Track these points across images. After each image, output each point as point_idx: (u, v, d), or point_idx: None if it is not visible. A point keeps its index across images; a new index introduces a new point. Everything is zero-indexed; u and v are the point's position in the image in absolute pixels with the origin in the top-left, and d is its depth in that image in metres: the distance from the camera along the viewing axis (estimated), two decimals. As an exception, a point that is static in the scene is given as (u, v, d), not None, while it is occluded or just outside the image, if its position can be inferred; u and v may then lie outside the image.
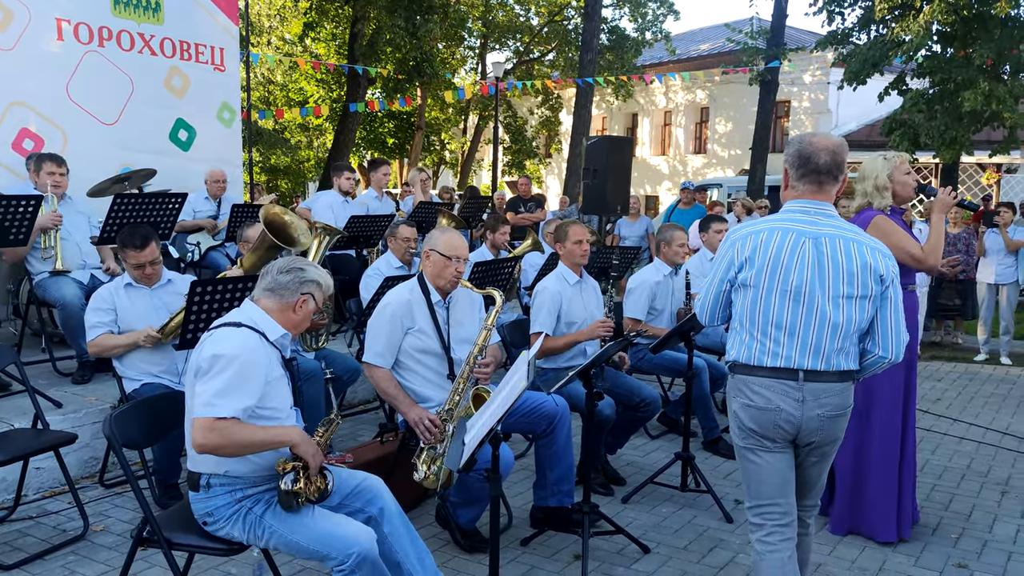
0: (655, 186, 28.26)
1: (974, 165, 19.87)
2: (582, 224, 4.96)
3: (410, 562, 2.98)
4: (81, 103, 7.17)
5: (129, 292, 4.43)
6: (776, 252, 2.77)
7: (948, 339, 9.73)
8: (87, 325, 4.39)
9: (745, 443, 2.89)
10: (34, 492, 4.50)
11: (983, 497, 4.82)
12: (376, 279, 5.38)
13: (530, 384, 2.67)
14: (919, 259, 3.95)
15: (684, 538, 4.21)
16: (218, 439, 2.69)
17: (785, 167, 2.93)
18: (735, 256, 2.83)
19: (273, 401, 2.86)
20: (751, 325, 2.82)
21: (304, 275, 2.99)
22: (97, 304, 4.39)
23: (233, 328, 2.84)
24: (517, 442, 5.45)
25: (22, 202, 5.02)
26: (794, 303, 2.75)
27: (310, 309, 3.02)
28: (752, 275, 2.79)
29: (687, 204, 11.81)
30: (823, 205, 2.84)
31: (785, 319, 2.76)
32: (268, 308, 2.95)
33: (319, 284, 3.02)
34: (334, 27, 21.28)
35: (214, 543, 2.88)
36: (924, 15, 11.79)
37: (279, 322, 2.95)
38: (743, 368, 2.84)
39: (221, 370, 2.72)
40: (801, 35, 23.44)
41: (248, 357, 2.77)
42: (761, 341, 2.80)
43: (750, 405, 2.83)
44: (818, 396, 2.77)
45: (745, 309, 2.83)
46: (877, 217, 4.00)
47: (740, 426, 2.89)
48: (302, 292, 2.96)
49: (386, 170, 8.55)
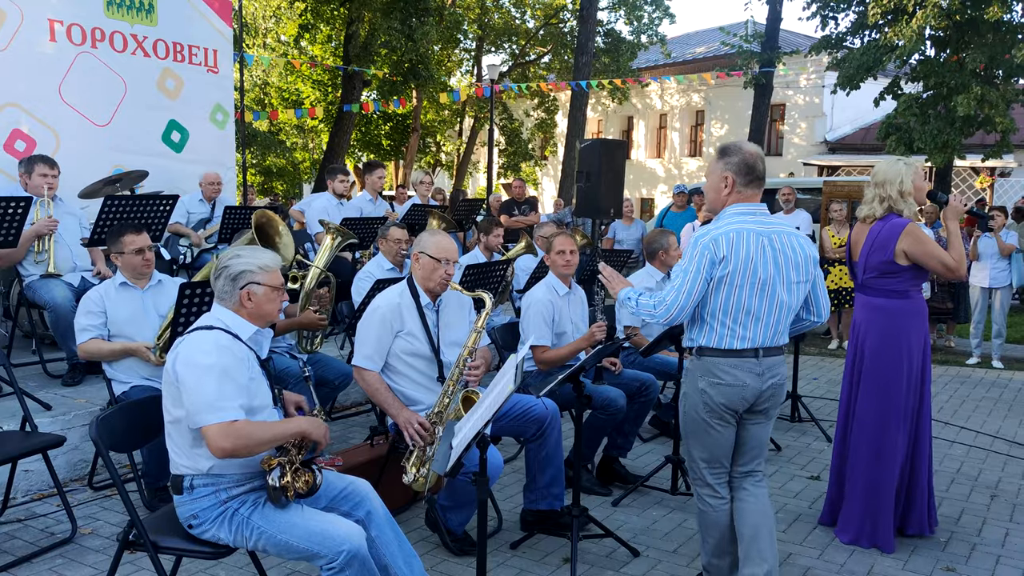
0: (650, 189, 28.31)
1: (968, 169, 19.94)
2: (568, 235, 4.99)
3: (398, 565, 2.97)
4: (74, 104, 7.15)
5: (121, 293, 4.42)
6: (747, 251, 3.12)
7: (941, 342, 9.75)
8: (77, 328, 4.38)
9: (710, 417, 3.26)
10: (22, 495, 4.48)
11: (972, 501, 4.83)
12: (367, 281, 5.37)
13: (518, 387, 2.67)
14: (953, 268, 3.95)
15: (674, 541, 4.21)
16: (237, 441, 2.69)
17: (729, 174, 3.21)
18: (714, 255, 3.11)
19: (255, 400, 2.85)
20: (723, 315, 3.17)
21: (231, 270, 2.92)
22: (87, 307, 4.37)
23: (205, 332, 2.83)
24: (508, 445, 5.45)
25: (11, 204, 5.00)
26: (760, 293, 3.16)
27: (261, 295, 2.93)
28: (728, 272, 3.11)
29: (680, 207, 11.82)
30: (761, 206, 3.25)
31: (753, 307, 3.16)
32: (231, 309, 2.94)
33: (252, 269, 2.93)
34: (329, 29, 21.28)
35: (200, 546, 2.86)
36: (917, 20, 11.83)
37: (248, 319, 2.93)
38: (713, 352, 3.22)
39: (206, 375, 2.72)
40: (796, 38, 23.53)
41: (226, 359, 2.76)
42: (732, 328, 3.18)
43: (720, 383, 3.21)
44: (771, 368, 3.25)
45: (719, 302, 3.16)
46: (910, 225, 3.98)
47: (707, 402, 3.25)
48: (240, 287, 2.91)
49: (381, 173, 8.55)
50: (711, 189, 3.31)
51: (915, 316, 4.09)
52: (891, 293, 4.06)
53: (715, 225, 3.19)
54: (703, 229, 3.18)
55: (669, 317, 3.17)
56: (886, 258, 3.99)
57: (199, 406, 2.70)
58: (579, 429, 4.11)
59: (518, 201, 11.57)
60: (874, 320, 4.10)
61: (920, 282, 4.08)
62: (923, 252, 3.93)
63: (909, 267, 3.98)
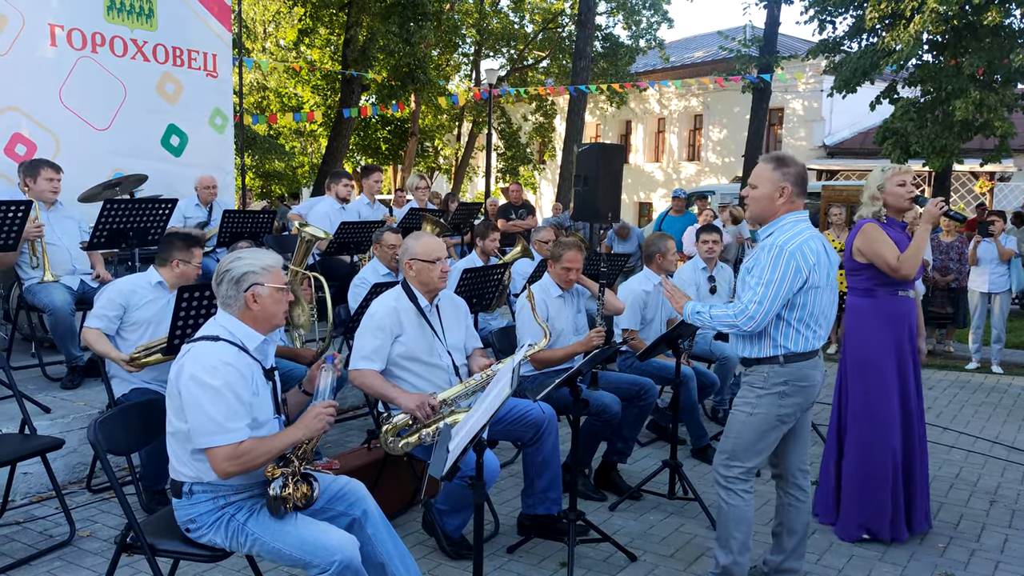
0: (649, 193, 28.33)
1: (967, 173, 19.97)
2: (580, 251, 4.89)
3: (393, 563, 2.97)
4: (74, 108, 7.17)
5: (155, 291, 4.44)
6: (822, 256, 3.33)
7: (940, 347, 9.76)
8: (92, 312, 4.41)
9: (781, 422, 3.41)
10: (21, 497, 4.49)
11: (971, 506, 4.83)
12: (363, 288, 5.38)
13: (515, 391, 2.68)
14: (893, 267, 4.06)
15: (671, 546, 4.21)
16: (242, 463, 2.72)
17: (787, 185, 3.34)
18: (802, 266, 3.25)
19: (258, 414, 2.86)
20: (810, 319, 3.34)
21: (233, 273, 2.90)
22: (109, 299, 4.38)
23: (210, 344, 2.81)
24: (506, 449, 5.45)
25: (11, 207, 5.01)
26: (826, 295, 3.37)
27: (266, 296, 2.91)
28: (818, 277, 3.30)
29: (679, 211, 11.85)
30: (806, 213, 3.44)
31: (824, 309, 3.38)
32: (236, 316, 2.92)
33: (255, 270, 2.90)
34: (328, 33, 21.31)
35: (197, 550, 2.87)
36: (914, 24, 11.85)
37: (253, 326, 2.92)
38: (799, 356, 3.36)
39: (212, 397, 2.71)
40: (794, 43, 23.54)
41: (232, 377, 2.76)
42: (813, 330, 3.36)
43: (803, 386, 3.37)
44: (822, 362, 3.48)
45: (807, 307, 3.32)
46: (867, 224, 4.17)
47: (784, 406, 3.37)
48: (244, 290, 2.89)
49: (378, 177, 8.56)
50: (764, 197, 3.37)
51: (886, 317, 4.19)
52: (858, 291, 4.28)
53: (789, 234, 3.30)
54: (779, 239, 3.27)
55: (753, 325, 3.27)
56: (847, 255, 4.26)
57: (205, 427, 2.71)
58: (576, 434, 4.12)
59: (515, 205, 11.58)
60: (848, 318, 4.33)
61: (891, 282, 4.14)
62: (870, 250, 4.13)
63: (868, 265, 4.16)
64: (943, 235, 9.55)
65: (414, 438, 3.77)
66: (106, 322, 4.35)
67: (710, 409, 6.44)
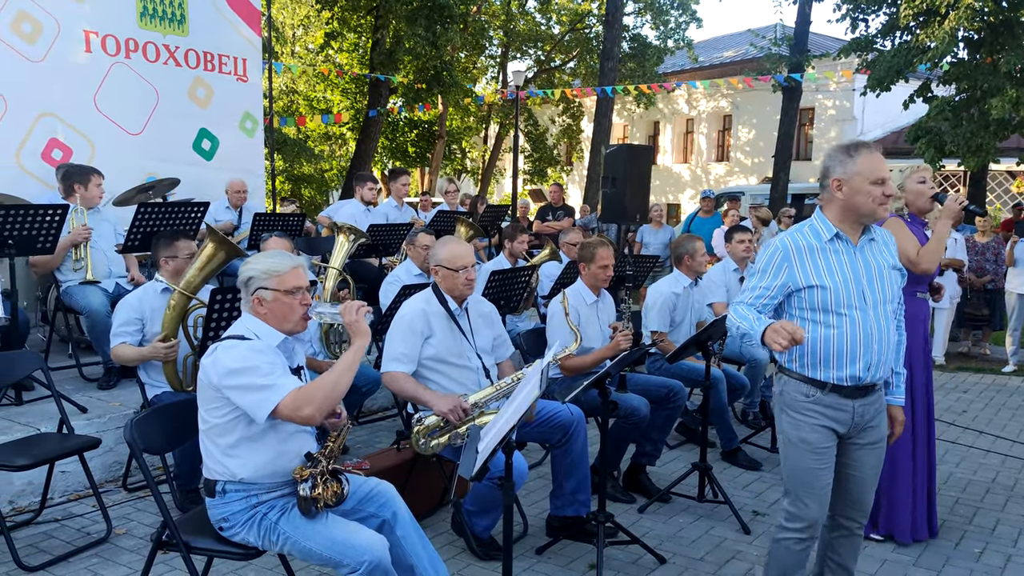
0: (677, 194, 28.19)
1: (1004, 173, 19.64)
2: (609, 246, 4.88)
3: (423, 566, 2.99)
4: (108, 113, 7.30)
5: (162, 298, 4.47)
6: None
7: (976, 350, 9.60)
8: (112, 332, 4.45)
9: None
10: (59, 495, 4.57)
11: (1008, 511, 4.75)
12: (395, 286, 5.42)
13: (543, 393, 2.69)
14: (913, 261, 3.97)
15: (700, 549, 4.19)
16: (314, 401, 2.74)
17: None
18: None
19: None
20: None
21: (241, 277, 2.97)
22: (125, 313, 4.43)
23: (237, 340, 2.86)
24: (534, 451, 5.46)
25: (49, 211, 5.12)
26: None
27: (271, 299, 2.93)
28: None
29: (707, 212, 11.78)
30: None
31: None
32: (257, 316, 2.97)
33: (256, 275, 2.94)
34: (356, 37, 21.44)
35: (230, 548, 2.91)
36: (949, 22, 11.66)
37: (273, 326, 2.96)
38: None
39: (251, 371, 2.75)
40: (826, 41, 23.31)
41: (263, 357, 2.80)
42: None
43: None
44: None
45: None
46: (891, 218, 4.09)
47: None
48: (251, 294, 2.95)
49: (405, 180, 8.62)
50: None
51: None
52: None
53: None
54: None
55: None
56: None
57: (256, 401, 2.74)
58: (605, 436, 4.12)
59: (555, 206, 11.62)
60: None
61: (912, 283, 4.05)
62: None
63: None
64: (979, 235, 9.39)
65: (445, 439, 3.80)
66: (130, 337, 4.40)
67: (740, 412, 6.40)
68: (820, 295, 2.90)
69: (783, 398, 3.03)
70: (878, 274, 2.97)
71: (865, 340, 2.91)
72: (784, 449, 3.05)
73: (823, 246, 2.95)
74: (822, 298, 2.90)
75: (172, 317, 4.33)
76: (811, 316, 2.94)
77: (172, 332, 4.31)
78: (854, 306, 2.90)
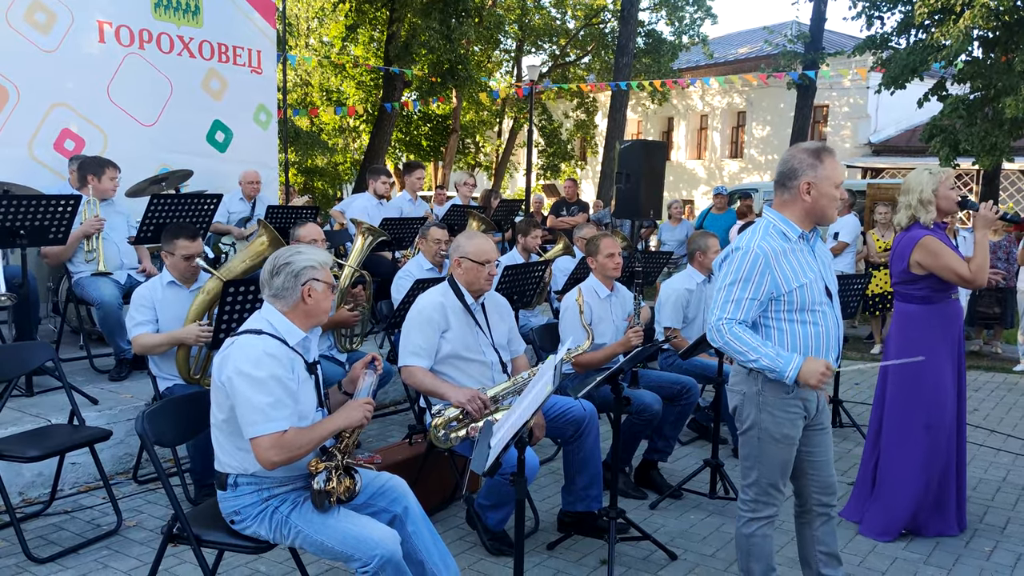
0: (691, 190, 28.09)
1: (1017, 172, 19.48)
2: (612, 236, 4.92)
3: (433, 561, 2.98)
4: (121, 104, 7.30)
5: (168, 291, 4.48)
6: None
7: (987, 348, 9.53)
8: (130, 323, 4.43)
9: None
10: (69, 487, 4.58)
11: (1019, 510, 4.71)
12: (407, 281, 5.40)
13: (556, 388, 2.67)
14: (968, 279, 3.96)
15: (711, 545, 4.17)
16: (286, 452, 2.74)
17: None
18: None
19: (299, 404, 2.88)
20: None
21: (293, 267, 2.92)
22: (139, 303, 4.42)
23: (254, 337, 2.84)
24: (546, 446, 5.44)
25: (61, 202, 5.11)
26: None
27: (320, 292, 2.95)
28: None
29: (720, 209, 11.72)
30: None
31: None
32: (282, 311, 2.94)
33: (314, 265, 2.94)
34: (371, 30, 21.43)
35: (241, 541, 2.90)
36: (964, 20, 11.56)
37: (297, 323, 2.93)
38: None
39: (257, 386, 2.73)
40: (841, 39, 23.17)
41: (276, 369, 2.78)
42: None
43: None
44: None
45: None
46: (925, 238, 4.02)
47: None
48: (302, 284, 2.92)
49: (420, 173, 8.60)
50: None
51: (941, 321, 4.12)
52: (914, 299, 4.15)
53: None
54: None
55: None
56: (903, 267, 4.11)
57: (250, 417, 2.73)
58: (617, 432, 4.10)
59: (569, 201, 11.59)
60: (899, 325, 4.22)
61: (947, 288, 4.08)
62: (936, 265, 3.99)
63: (927, 275, 4.04)
64: (990, 234, 9.31)
65: (463, 431, 3.78)
66: (148, 326, 4.38)
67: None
68: (799, 295, 2.98)
69: (763, 398, 3.05)
70: (828, 269, 3.11)
71: (836, 332, 3.08)
72: (760, 446, 3.09)
73: (792, 246, 3.01)
74: (801, 297, 2.97)
75: (204, 302, 4.35)
76: (792, 316, 3.00)
77: (199, 317, 4.33)
78: (824, 301, 3.03)
